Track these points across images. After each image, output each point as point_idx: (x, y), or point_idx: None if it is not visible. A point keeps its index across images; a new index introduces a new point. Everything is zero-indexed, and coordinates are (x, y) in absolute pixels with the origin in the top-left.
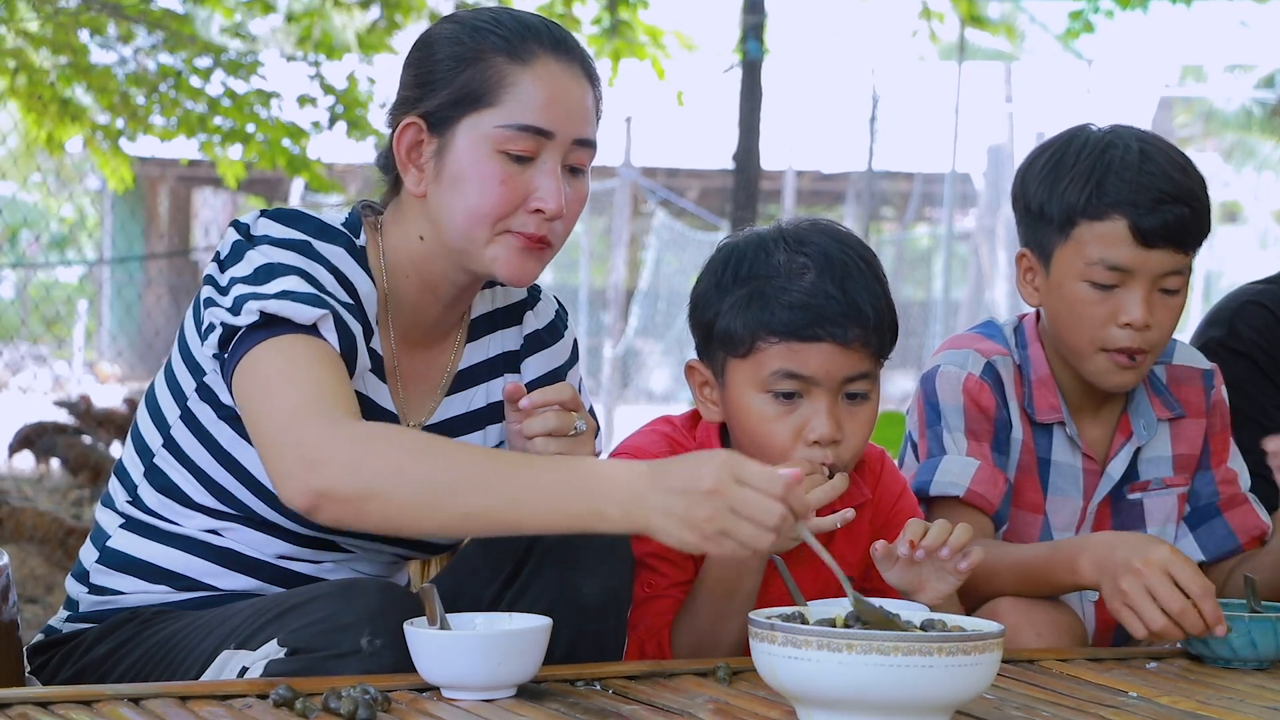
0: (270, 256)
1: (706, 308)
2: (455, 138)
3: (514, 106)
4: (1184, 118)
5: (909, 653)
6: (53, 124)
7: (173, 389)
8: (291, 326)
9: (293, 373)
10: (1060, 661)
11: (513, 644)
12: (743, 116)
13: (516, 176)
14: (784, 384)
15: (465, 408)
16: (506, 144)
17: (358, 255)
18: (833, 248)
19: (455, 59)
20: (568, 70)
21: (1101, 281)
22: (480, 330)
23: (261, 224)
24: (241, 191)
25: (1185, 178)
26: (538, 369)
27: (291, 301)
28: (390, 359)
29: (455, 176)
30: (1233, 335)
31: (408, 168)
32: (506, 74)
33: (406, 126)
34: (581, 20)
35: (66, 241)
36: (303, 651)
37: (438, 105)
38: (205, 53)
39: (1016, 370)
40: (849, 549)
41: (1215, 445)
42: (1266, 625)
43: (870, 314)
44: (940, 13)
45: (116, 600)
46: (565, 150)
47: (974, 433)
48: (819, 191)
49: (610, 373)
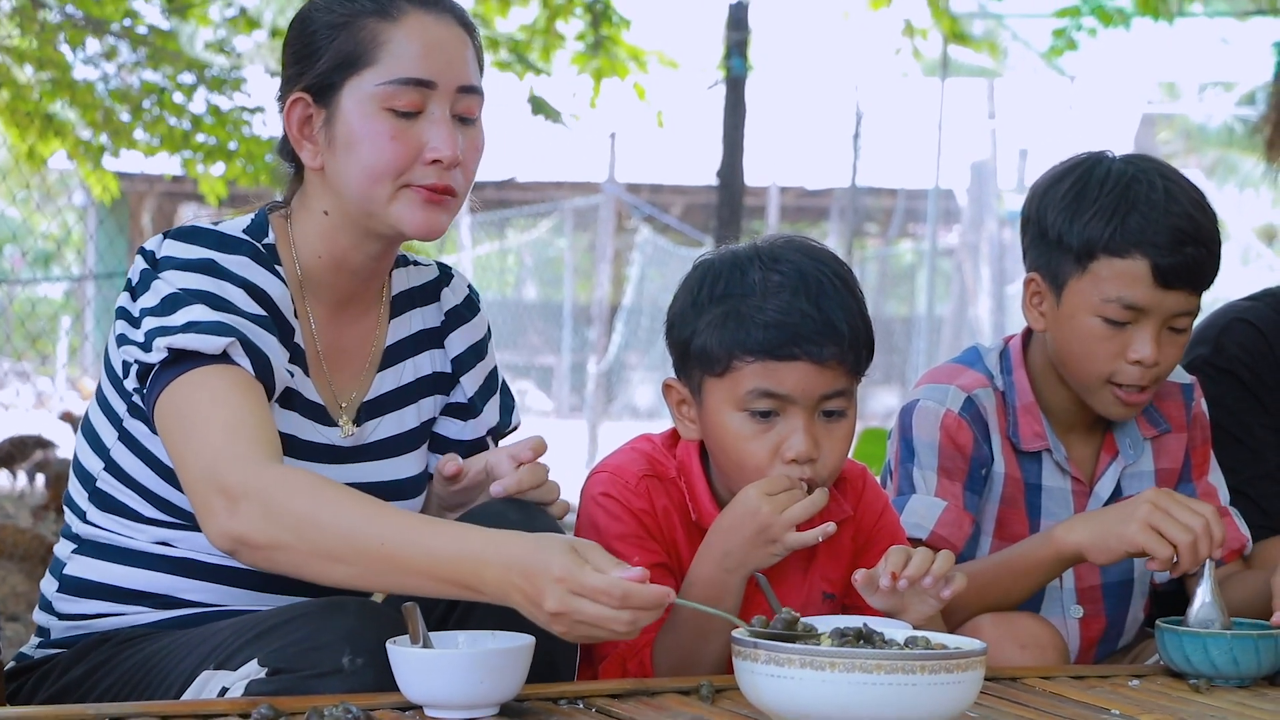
0: (175, 284)
1: (683, 327)
2: (341, 103)
3: (391, 62)
4: (1166, 134)
5: (892, 671)
6: (36, 139)
7: (106, 412)
8: (202, 359)
9: (207, 411)
10: (1043, 679)
11: (495, 662)
12: (727, 133)
13: (406, 130)
14: (760, 403)
15: (397, 382)
16: (391, 100)
17: (264, 258)
18: (807, 265)
19: (328, 26)
20: (439, 21)
21: (1115, 318)
22: (401, 306)
23: (165, 246)
24: (225, 207)
25: (1205, 218)
26: (461, 343)
27: (198, 334)
28: (314, 346)
29: (347, 141)
30: (1219, 353)
31: (302, 143)
32: (379, 32)
33: (294, 103)
34: (565, 37)
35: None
36: (284, 671)
37: (318, 75)
38: (189, 69)
39: (1000, 398)
40: (831, 566)
41: (1196, 458)
42: (1248, 643)
43: (846, 331)
44: (923, 29)
45: (89, 625)
46: (451, 99)
47: (946, 470)
48: (803, 208)
49: (594, 389)
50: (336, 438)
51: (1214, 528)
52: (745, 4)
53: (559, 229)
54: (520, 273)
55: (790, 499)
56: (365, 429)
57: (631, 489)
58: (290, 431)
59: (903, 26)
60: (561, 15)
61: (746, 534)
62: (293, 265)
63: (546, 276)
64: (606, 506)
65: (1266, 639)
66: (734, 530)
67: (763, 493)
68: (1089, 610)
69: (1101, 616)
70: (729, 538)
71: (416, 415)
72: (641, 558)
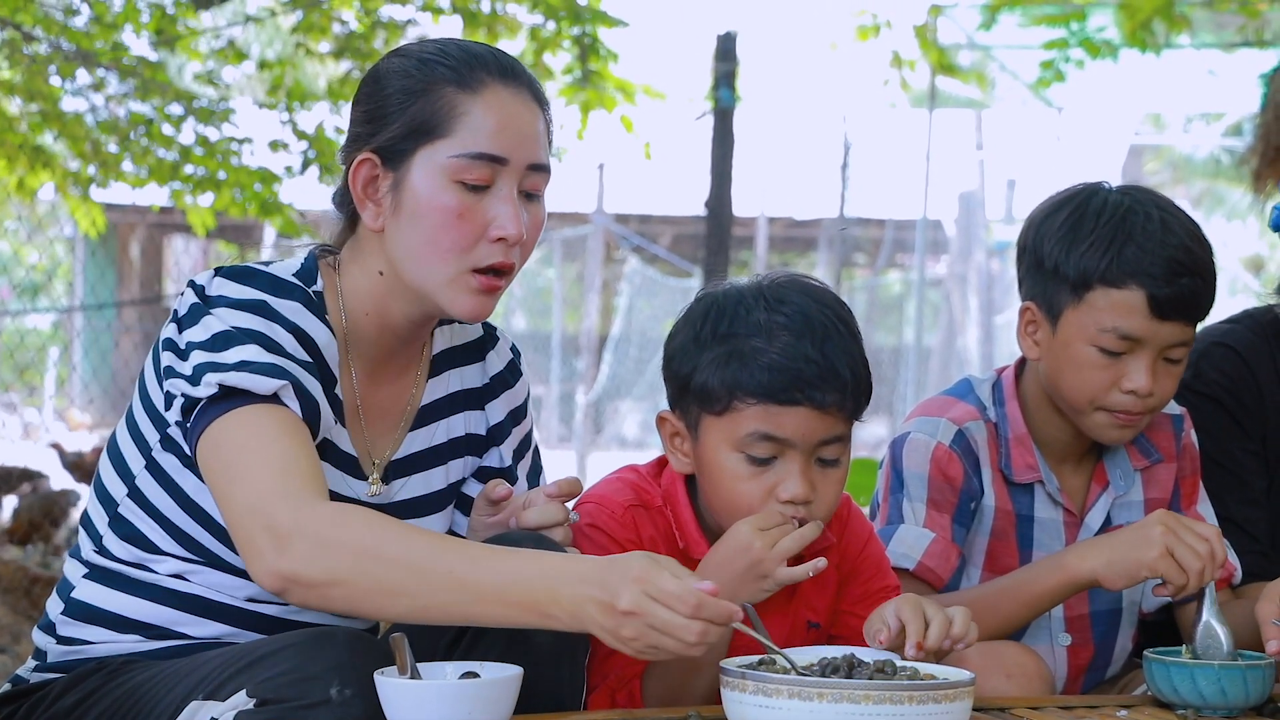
0: (227, 321)
1: (684, 361)
2: (410, 171)
3: (467, 135)
4: (1153, 165)
5: (880, 701)
6: (24, 171)
7: (136, 439)
8: (252, 397)
9: (256, 448)
10: (1031, 709)
11: (484, 693)
12: (715, 163)
13: (474, 206)
14: (759, 447)
15: (428, 443)
16: (462, 173)
17: (314, 305)
18: (812, 308)
19: (405, 92)
20: (517, 96)
21: (1110, 348)
22: (441, 366)
23: (217, 284)
24: (214, 238)
25: (1200, 249)
26: (502, 410)
27: (250, 373)
28: (353, 399)
29: (413, 210)
30: (1199, 378)
31: (365, 203)
32: (457, 103)
33: (361, 163)
34: (554, 70)
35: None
36: (272, 702)
37: (390, 139)
38: (177, 100)
39: (992, 430)
40: (816, 594)
41: (1185, 488)
42: (1236, 673)
43: (848, 378)
44: (911, 61)
45: (85, 650)
46: (520, 176)
47: (935, 503)
48: (791, 238)
49: (583, 419)
50: (364, 493)
51: (1217, 549)
52: (733, 35)
53: (548, 259)
54: (509, 302)
55: (782, 533)
56: (392, 487)
57: (617, 519)
58: None
59: (890, 58)
60: (550, 48)
61: (738, 569)
62: (339, 316)
63: (535, 306)
64: (592, 537)
65: (1254, 669)
66: (725, 565)
67: (755, 528)
68: (1077, 639)
69: (1090, 645)
70: (720, 572)
71: (445, 476)
72: None
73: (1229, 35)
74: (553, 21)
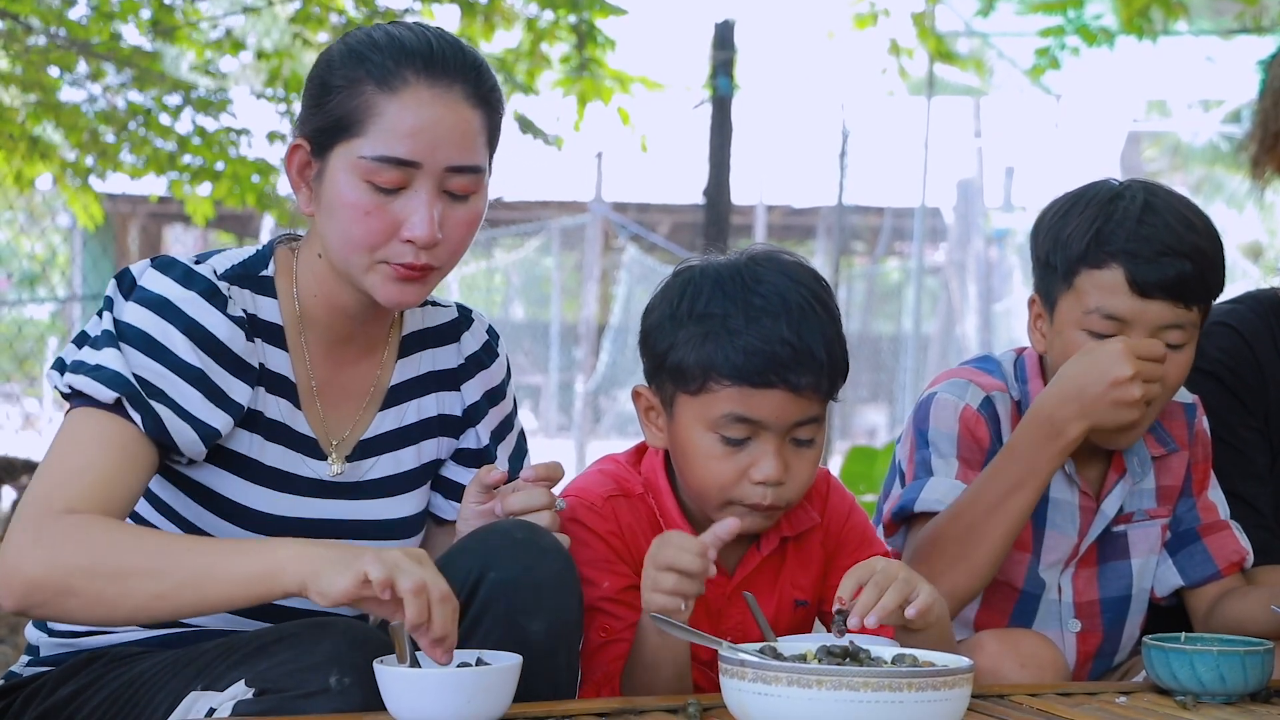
0: (122, 317)
1: (659, 338)
2: (329, 164)
3: (379, 137)
4: (1152, 152)
5: (878, 688)
6: (22, 162)
7: None
8: (93, 401)
9: (65, 452)
10: (1030, 696)
11: (482, 681)
12: (713, 152)
13: (384, 206)
14: (734, 428)
15: (398, 423)
16: (372, 175)
17: (219, 297)
18: (788, 288)
19: (336, 85)
20: (441, 97)
21: (1099, 330)
22: (411, 347)
23: (145, 276)
24: (212, 228)
25: (1190, 233)
26: (477, 390)
27: (95, 380)
28: (307, 380)
29: (330, 203)
30: (1200, 357)
31: (299, 187)
32: (374, 103)
33: (295, 147)
34: (551, 59)
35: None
36: (271, 691)
37: (316, 130)
38: (175, 90)
39: (1015, 406)
40: (802, 573)
41: (1197, 474)
42: (1234, 659)
43: (824, 360)
44: (909, 48)
45: (79, 643)
46: (438, 178)
47: (966, 460)
48: (790, 226)
49: (582, 408)
50: (326, 473)
51: None
52: (731, 24)
53: (546, 248)
54: (507, 292)
55: None
56: (360, 466)
57: (598, 511)
58: (276, 465)
59: (888, 45)
60: (547, 38)
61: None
62: (291, 299)
63: (533, 296)
64: (573, 532)
65: (1253, 655)
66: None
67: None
68: (1086, 625)
69: (1099, 631)
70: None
71: (416, 456)
72: (611, 582)
73: (1227, 22)
74: (550, 11)
